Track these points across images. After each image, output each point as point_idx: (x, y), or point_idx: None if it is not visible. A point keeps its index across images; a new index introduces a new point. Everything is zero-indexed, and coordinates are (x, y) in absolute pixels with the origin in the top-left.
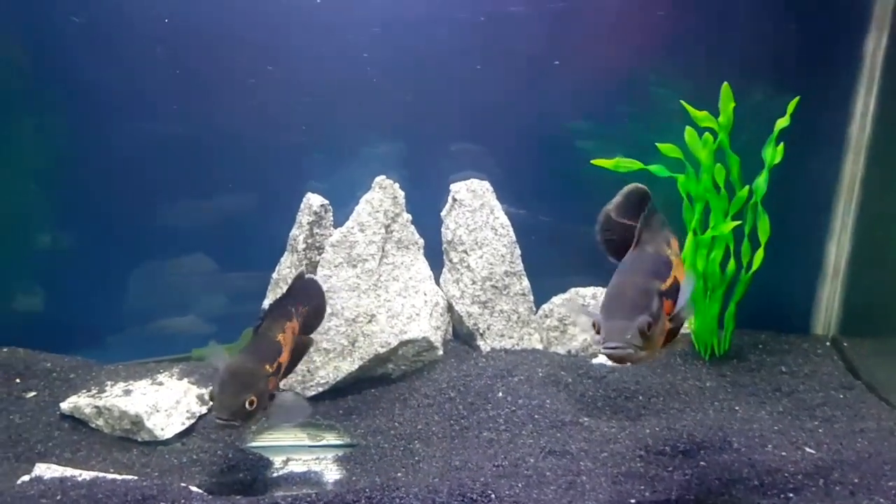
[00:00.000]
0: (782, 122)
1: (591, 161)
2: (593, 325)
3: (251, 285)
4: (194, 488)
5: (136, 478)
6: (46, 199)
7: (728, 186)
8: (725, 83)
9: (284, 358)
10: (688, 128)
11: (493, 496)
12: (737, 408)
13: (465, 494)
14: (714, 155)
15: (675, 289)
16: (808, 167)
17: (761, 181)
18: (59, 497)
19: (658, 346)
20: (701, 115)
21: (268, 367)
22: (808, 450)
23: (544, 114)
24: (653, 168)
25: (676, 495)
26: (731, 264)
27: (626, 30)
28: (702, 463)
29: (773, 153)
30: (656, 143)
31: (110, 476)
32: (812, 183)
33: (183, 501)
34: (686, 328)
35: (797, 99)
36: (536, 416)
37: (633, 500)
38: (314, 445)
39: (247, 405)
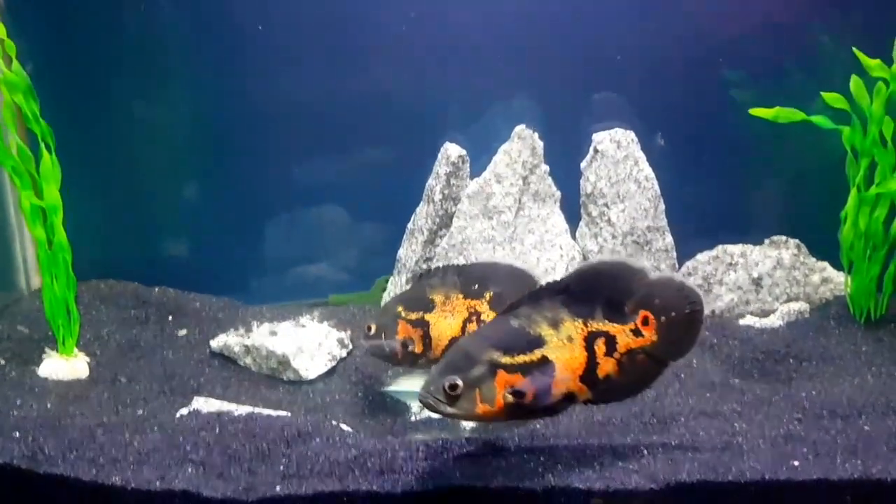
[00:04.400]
0: None
1: (750, 111)
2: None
3: (385, 235)
4: (344, 426)
5: (288, 414)
6: (195, 151)
7: None
8: None
9: (433, 318)
10: (854, 77)
11: (645, 452)
12: None
13: (616, 450)
14: (885, 106)
15: (536, 366)
16: None
17: None
18: (217, 430)
19: (480, 412)
20: (873, 64)
21: (402, 309)
22: None
23: (696, 62)
24: (816, 119)
25: (842, 458)
26: None
27: None
28: (866, 427)
29: None
30: (821, 93)
31: (265, 412)
32: None
33: (337, 438)
34: (840, 290)
35: None
36: (683, 376)
37: (795, 462)
38: None
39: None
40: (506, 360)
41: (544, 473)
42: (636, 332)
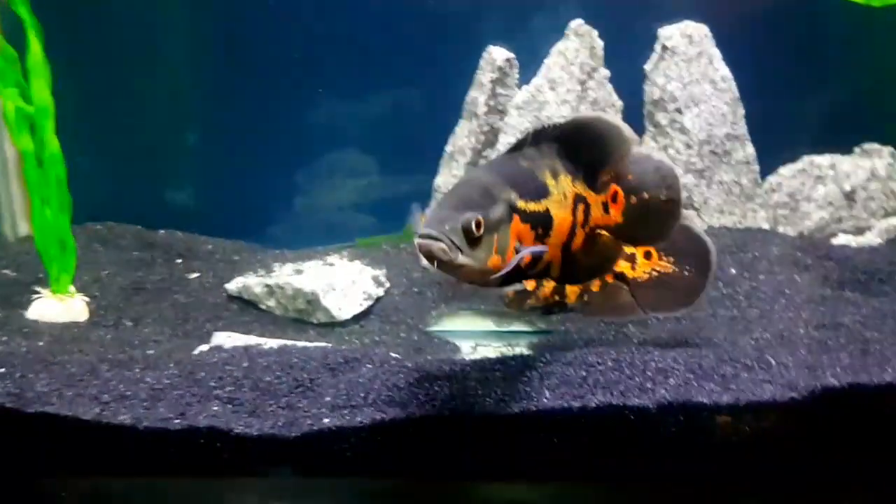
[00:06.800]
0: None
1: None
2: (422, 220)
3: (419, 170)
4: (394, 354)
5: (330, 344)
6: (206, 82)
7: None
8: None
9: None
10: None
11: (773, 362)
12: None
13: (738, 360)
14: None
15: (541, 219)
16: None
17: None
18: (245, 364)
19: (488, 265)
20: None
21: None
22: None
23: None
24: None
25: None
26: None
27: None
28: None
29: None
30: None
31: (300, 343)
32: None
33: (393, 362)
34: None
35: None
36: (788, 291)
37: None
38: (504, 331)
39: None
40: (521, 204)
41: (655, 388)
42: (605, 208)
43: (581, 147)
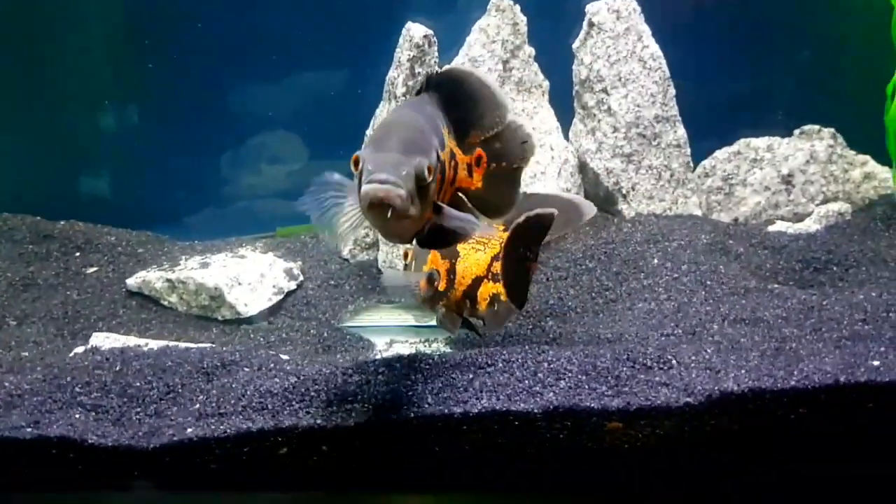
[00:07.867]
0: None
1: None
2: (354, 161)
3: (344, 151)
4: (284, 356)
5: (211, 345)
6: (113, 64)
7: None
8: None
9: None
10: None
11: (674, 362)
12: None
13: (637, 360)
14: None
15: (443, 171)
16: None
17: None
18: (118, 368)
19: (425, 218)
20: None
21: None
22: None
23: None
24: None
25: None
26: None
27: None
28: None
29: None
30: None
31: (183, 344)
32: None
33: (272, 365)
34: (887, 187)
35: None
36: (709, 283)
37: (875, 363)
38: (420, 326)
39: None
40: (440, 153)
41: (542, 392)
42: (469, 170)
43: (457, 102)
